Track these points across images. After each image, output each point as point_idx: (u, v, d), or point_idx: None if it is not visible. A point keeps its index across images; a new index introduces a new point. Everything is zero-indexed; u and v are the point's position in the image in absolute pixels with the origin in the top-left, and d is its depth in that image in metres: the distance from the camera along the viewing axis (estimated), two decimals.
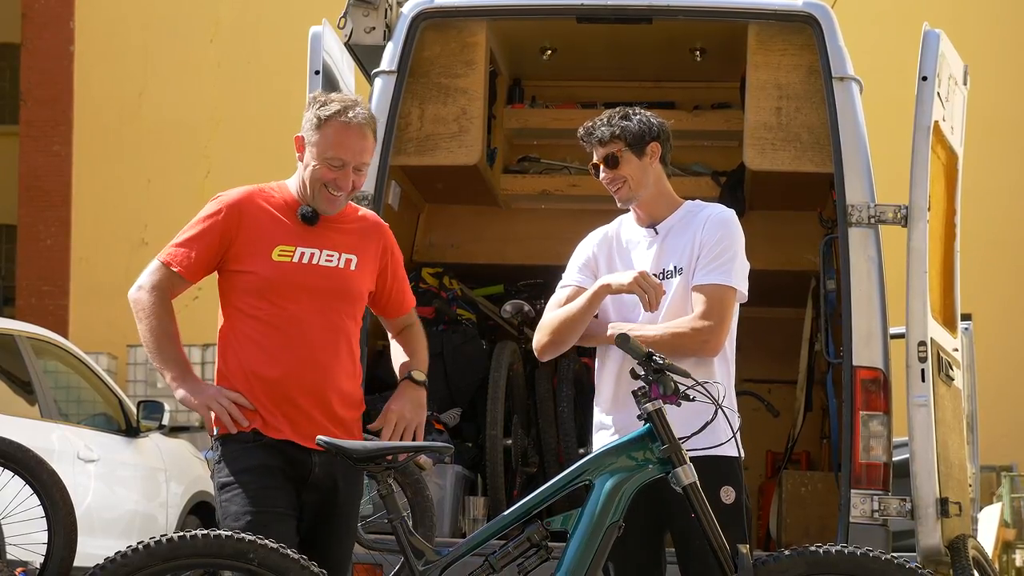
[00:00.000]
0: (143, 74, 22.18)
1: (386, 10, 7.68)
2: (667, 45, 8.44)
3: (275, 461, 5.02)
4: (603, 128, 5.49)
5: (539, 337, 5.55)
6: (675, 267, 5.43)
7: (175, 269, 5.11)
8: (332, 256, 5.17)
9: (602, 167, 5.50)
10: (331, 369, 5.13)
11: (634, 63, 8.78)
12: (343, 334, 5.17)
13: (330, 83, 7.54)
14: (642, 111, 5.55)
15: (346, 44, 7.75)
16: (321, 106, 5.14)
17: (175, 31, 22.11)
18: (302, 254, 5.13)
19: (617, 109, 5.56)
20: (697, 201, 5.59)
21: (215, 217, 5.13)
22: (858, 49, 8.37)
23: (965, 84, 7.69)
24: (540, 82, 9.21)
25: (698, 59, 8.60)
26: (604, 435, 5.38)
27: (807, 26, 7.35)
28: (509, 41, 8.48)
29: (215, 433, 5.12)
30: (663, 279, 5.42)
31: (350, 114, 5.12)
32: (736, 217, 5.51)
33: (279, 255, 5.11)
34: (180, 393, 5.03)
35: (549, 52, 8.73)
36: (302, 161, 5.18)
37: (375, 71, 7.53)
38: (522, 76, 9.13)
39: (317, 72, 7.35)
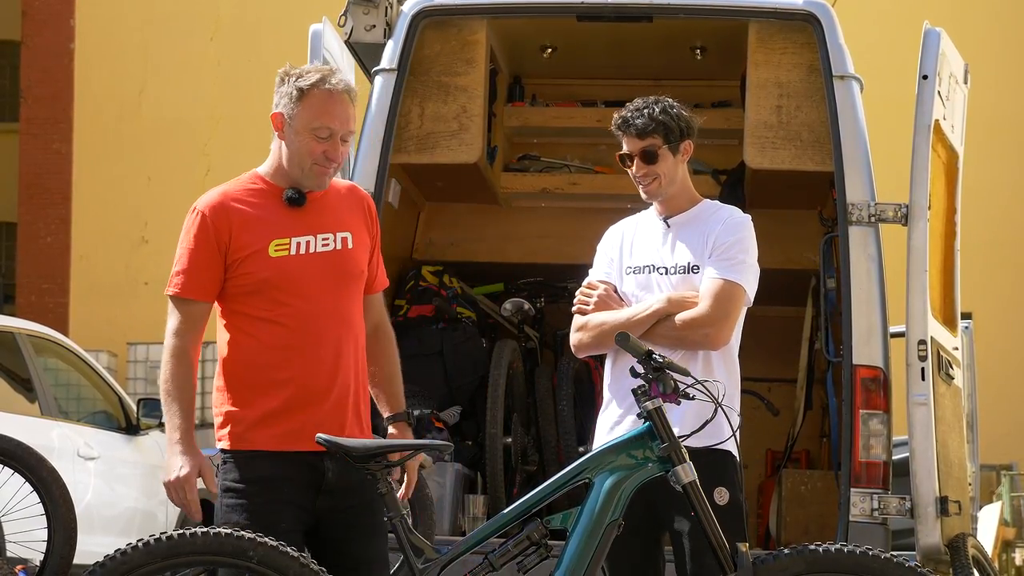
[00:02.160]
0: (143, 72, 22.20)
1: (386, 8, 7.68)
2: (667, 43, 8.44)
3: (284, 471, 4.80)
4: (642, 120, 5.43)
5: (581, 336, 5.50)
6: (689, 264, 5.44)
7: (187, 297, 4.84)
8: (328, 239, 4.90)
9: (637, 160, 5.47)
10: (349, 364, 4.90)
11: (634, 61, 8.78)
12: (356, 323, 4.94)
13: None
14: (677, 104, 5.51)
15: (346, 42, 7.75)
16: (298, 78, 4.86)
17: (175, 29, 22.13)
18: (298, 244, 4.86)
19: (652, 99, 5.49)
20: (715, 201, 5.61)
21: (202, 226, 4.84)
22: (859, 48, 8.37)
23: (966, 83, 7.69)
24: (540, 80, 9.21)
25: (698, 57, 8.60)
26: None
27: (808, 24, 7.35)
28: (509, 39, 8.48)
29: (220, 444, 4.90)
30: (675, 274, 5.44)
31: (332, 80, 4.86)
32: (751, 221, 5.52)
33: (276, 250, 4.84)
34: (169, 454, 4.80)
35: (549, 50, 8.73)
36: (283, 139, 4.89)
37: (375, 69, 7.53)
38: (522, 74, 9.13)
39: None
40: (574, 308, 5.60)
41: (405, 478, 5.08)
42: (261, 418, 4.83)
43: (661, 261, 5.47)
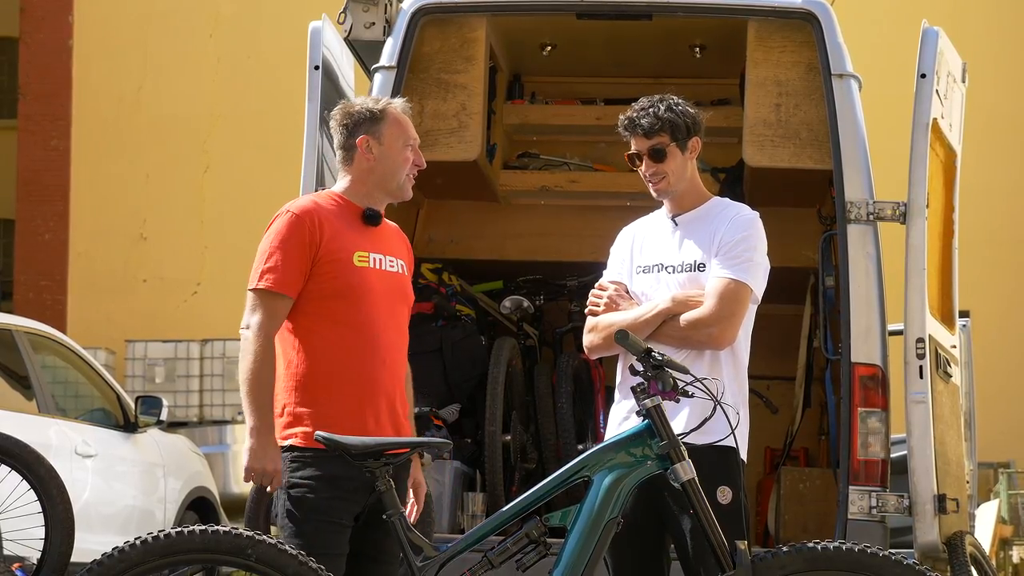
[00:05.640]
0: (142, 69, 22.16)
1: (386, 6, 7.68)
2: (667, 41, 8.45)
3: (348, 470, 4.97)
4: (649, 119, 5.45)
5: (592, 338, 5.54)
6: (696, 262, 5.44)
7: (278, 292, 5.10)
8: (393, 262, 5.31)
9: (646, 159, 5.48)
10: (398, 371, 5.26)
11: (634, 59, 8.78)
12: (405, 337, 5.34)
13: (330, 79, 7.54)
14: (682, 101, 5.53)
15: (346, 40, 7.75)
16: (364, 104, 5.29)
17: (174, 26, 22.09)
18: (375, 259, 5.24)
19: (657, 98, 5.51)
20: (725, 199, 5.60)
21: (296, 226, 5.14)
22: (857, 46, 8.37)
23: (964, 81, 7.69)
24: (540, 78, 9.21)
25: (697, 55, 8.60)
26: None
27: (806, 23, 7.36)
28: (509, 37, 8.48)
29: (288, 442, 5.10)
30: (682, 272, 5.45)
31: (394, 100, 5.38)
32: (759, 219, 5.52)
33: (359, 260, 5.20)
34: (248, 444, 5.02)
35: (549, 48, 8.73)
36: (370, 160, 5.26)
37: (375, 67, 7.53)
38: (522, 72, 9.13)
39: (317, 68, 7.35)
40: (586, 310, 5.61)
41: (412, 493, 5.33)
42: (331, 418, 5.06)
43: (669, 259, 5.48)
